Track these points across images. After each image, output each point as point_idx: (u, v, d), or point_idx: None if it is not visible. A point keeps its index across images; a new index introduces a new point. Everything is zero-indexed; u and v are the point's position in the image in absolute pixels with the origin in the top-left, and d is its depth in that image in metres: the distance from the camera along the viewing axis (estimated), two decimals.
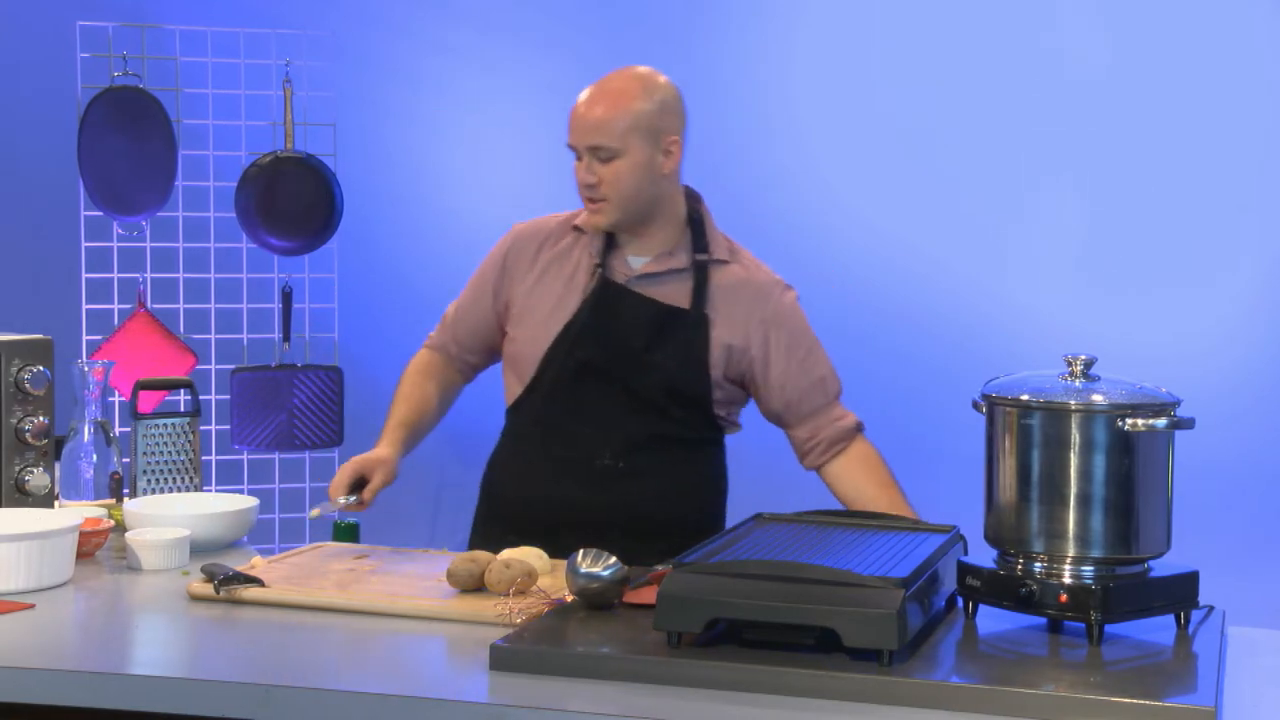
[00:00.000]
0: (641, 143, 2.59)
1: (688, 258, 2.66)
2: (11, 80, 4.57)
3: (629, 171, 2.59)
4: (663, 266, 2.66)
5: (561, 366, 2.65)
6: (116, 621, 2.20)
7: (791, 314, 2.70)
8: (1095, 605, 1.93)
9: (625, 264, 2.67)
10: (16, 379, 2.60)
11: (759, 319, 2.66)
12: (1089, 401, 1.97)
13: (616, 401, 2.63)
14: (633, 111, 2.58)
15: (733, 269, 2.68)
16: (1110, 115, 4.27)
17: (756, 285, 2.69)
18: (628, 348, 2.63)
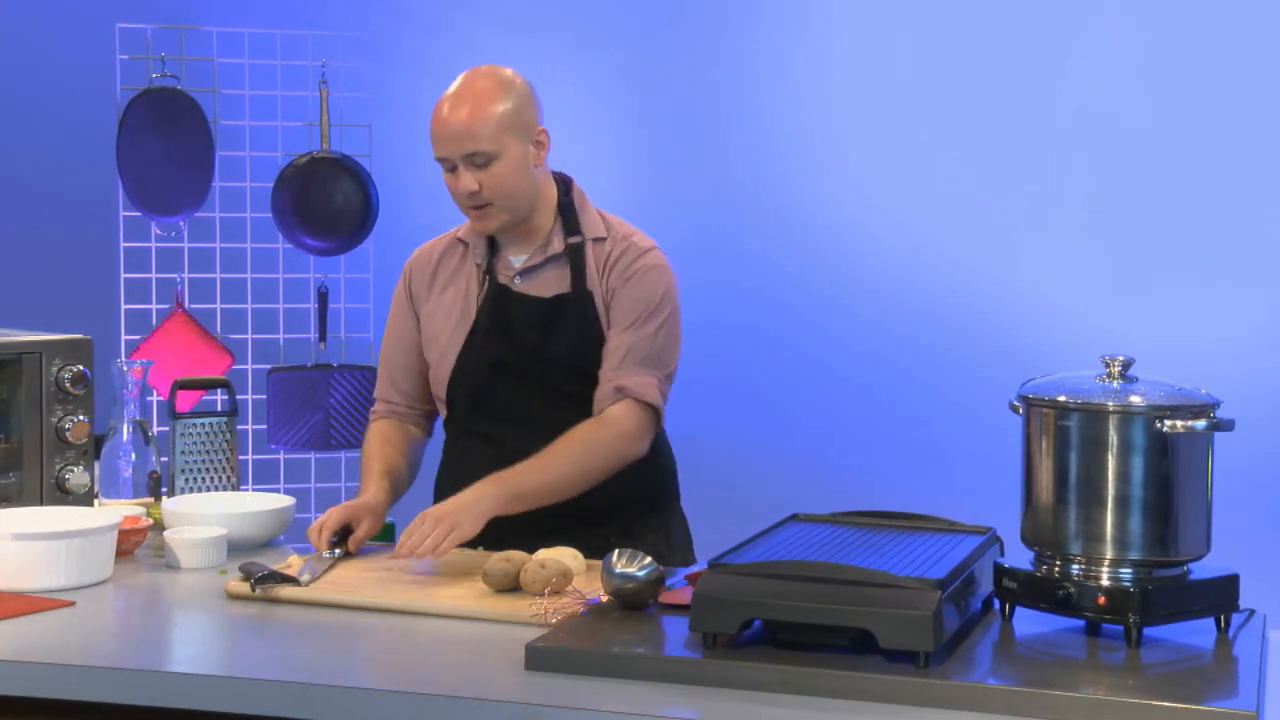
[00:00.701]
0: (514, 140, 2.57)
1: (562, 243, 2.67)
2: (52, 82, 4.61)
3: (509, 171, 2.58)
4: (540, 257, 2.67)
5: (474, 373, 2.66)
6: (155, 619, 2.22)
7: (641, 276, 2.65)
8: (1134, 608, 1.92)
9: (507, 264, 2.69)
10: (57, 378, 2.62)
11: (615, 280, 2.65)
12: (1127, 403, 1.96)
13: (532, 396, 2.65)
14: (499, 112, 2.56)
15: (605, 245, 2.68)
16: (1147, 113, 4.24)
17: (630, 252, 2.67)
18: (527, 346, 2.65)
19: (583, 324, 2.64)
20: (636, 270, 2.65)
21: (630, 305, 2.63)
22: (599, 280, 2.66)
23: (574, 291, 2.65)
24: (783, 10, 4.50)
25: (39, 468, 2.60)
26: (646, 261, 2.67)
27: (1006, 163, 4.33)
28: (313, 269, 4.29)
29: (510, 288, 2.67)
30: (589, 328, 2.64)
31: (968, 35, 4.36)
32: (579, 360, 2.64)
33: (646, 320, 2.64)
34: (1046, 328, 4.24)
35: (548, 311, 2.65)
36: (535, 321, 2.65)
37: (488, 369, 2.66)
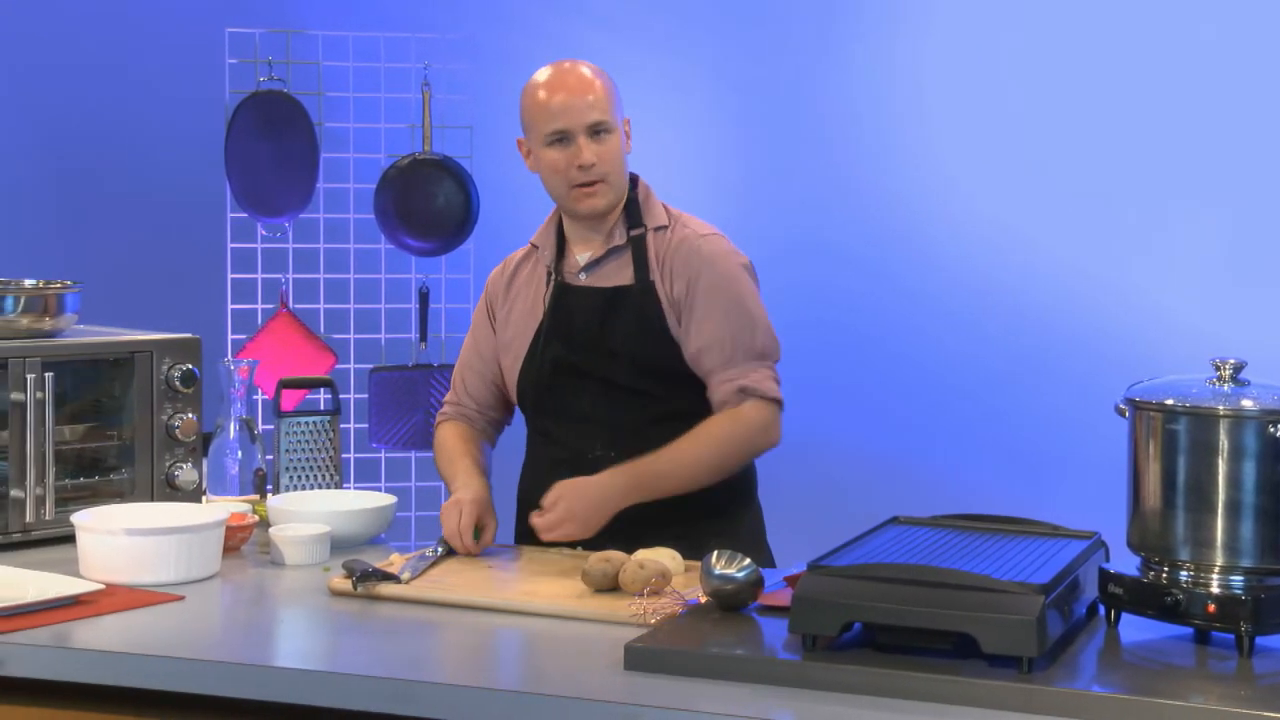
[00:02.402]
0: (617, 118, 2.63)
1: (624, 235, 2.67)
2: (163, 85, 4.71)
3: (618, 147, 2.63)
4: (602, 249, 2.67)
5: (539, 374, 2.68)
6: (260, 614, 2.26)
7: (712, 263, 2.64)
8: (1246, 616, 1.87)
9: (574, 262, 2.70)
10: (167, 377, 2.67)
11: (684, 267, 2.63)
12: (1238, 407, 1.92)
13: (596, 394, 2.64)
14: (610, 88, 2.63)
15: (667, 233, 2.67)
16: (1254, 112, 4.15)
17: (691, 239, 2.66)
18: (589, 340, 2.65)
19: (644, 316, 2.63)
20: (706, 259, 2.63)
21: (712, 296, 2.61)
22: (660, 270, 2.64)
23: (636, 283, 2.64)
24: (880, 9, 4.46)
25: (149, 464, 2.65)
26: (711, 247, 2.65)
27: (1113, 165, 4.26)
28: (414, 269, 4.33)
29: (572, 283, 2.68)
30: (651, 320, 2.63)
31: (1071, 31, 4.29)
32: (641, 353, 2.63)
33: (737, 311, 2.62)
34: (1153, 329, 4.16)
35: (607, 302, 2.64)
36: (595, 313, 2.65)
37: (550, 368, 2.67)
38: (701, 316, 2.61)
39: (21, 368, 2.53)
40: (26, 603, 2.10)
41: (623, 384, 2.64)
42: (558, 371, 2.67)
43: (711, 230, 2.71)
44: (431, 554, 2.43)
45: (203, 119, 4.46)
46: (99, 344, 2.68)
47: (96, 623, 2.08)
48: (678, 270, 2.63)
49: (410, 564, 2.34)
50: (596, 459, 2.62)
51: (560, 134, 2.60)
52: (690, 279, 2.62)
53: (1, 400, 2.54)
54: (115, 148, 4.73)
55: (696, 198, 4.52)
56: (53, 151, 4.72)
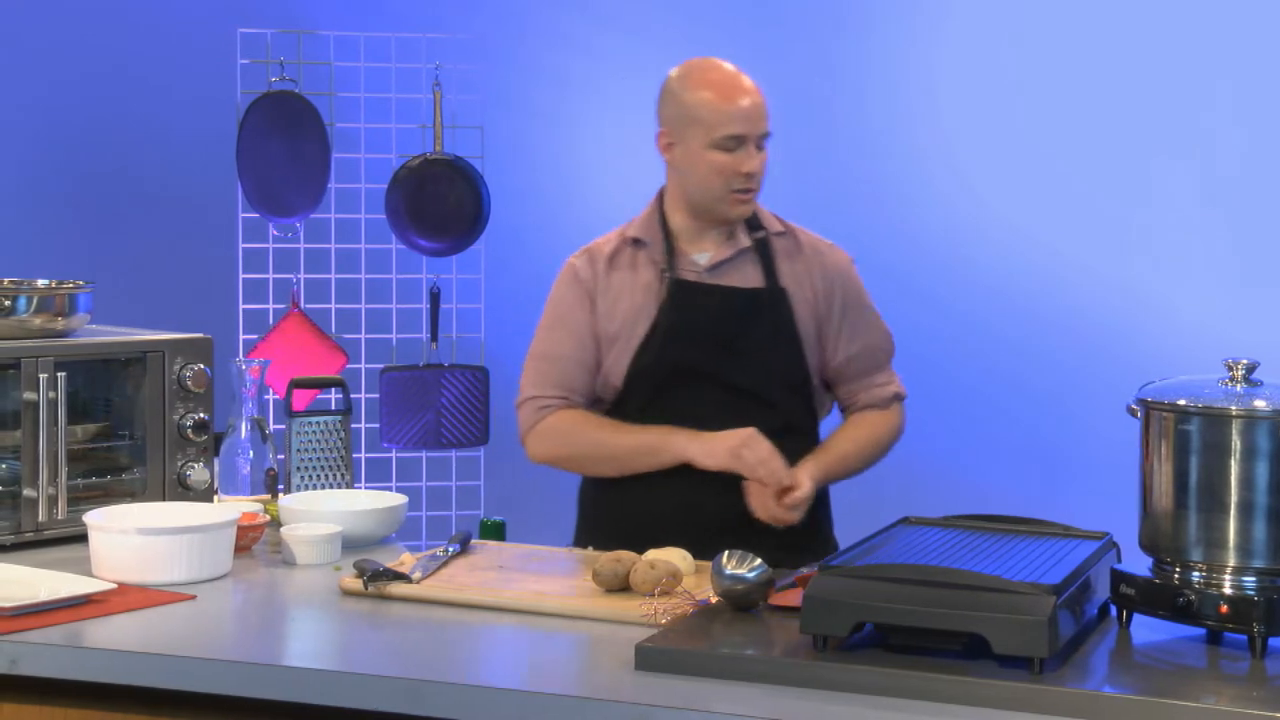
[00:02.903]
0: None
1: (748, 238, 2.67)
2: (175, 86, 4.72)
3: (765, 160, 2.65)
4: (730, 251, 2.66)
5: (651, 374, 2.62)
6: (272, 614, 2.26)
7: (846, 277, 2.71)
8: (1259, 617, 1.87)
9: (691, 263, 2.67)
10: (179, 377, 2.67)
11: (820, 279, 2.68)
12: (1251, 407, 1.92)
13: (712, 399, 2.61)
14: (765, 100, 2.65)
15: (787, 240, 2.70)
16: (1266, 113, 4.14)
17: (812, 249, 2.71)
18: (717, 341, 2.62)
19: (778, 320, 2.63)
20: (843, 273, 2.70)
21: (855, 307, 2.70)
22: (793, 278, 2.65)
23: (768, 285, 2.65)
24: (893, 9, 4.46)
25: (161, 464, 2.66)
26: (837, 258, 2.73)
27: (1123, 165, 4.25)
28: (425, 269, 4.34)
29: (700, 282, 2.65)
30: (784, 325, 2.63)
31: (1083, 32, 4.29)
32: (770, 357, 2.62)
33: (874, 319, 2.73)
34: (1166, 330, 4.15)
35: (745, 303, 2.63)
36: (730, 314, 2.62)
37: (669, 369, 2.62)
38: (851, 327, 2.69)
39: (34, 367, 2.54)
40: (39, 602, 2.11)
41: (746, 388, 2.62)
42: (677, 372, 2.62)
43: (822, 239, 2.75)
44: (443, 554, 2.43)
45: (214, 119, 4.47)
46: (111, 344, 2.68)
47: (108, 622, 2.09)
48: (817, 281, 2.67)
49: (421, 564, 2.35)
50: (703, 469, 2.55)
51: (737, 139, 2.59)
52: (830, 291, 2.68)
53: (14, 400, 2.55)
54: (127, 148, 4.74)
55: None
56: (64, 152, 4.74)
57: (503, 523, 3.06)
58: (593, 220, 4.64)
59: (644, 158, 4.68)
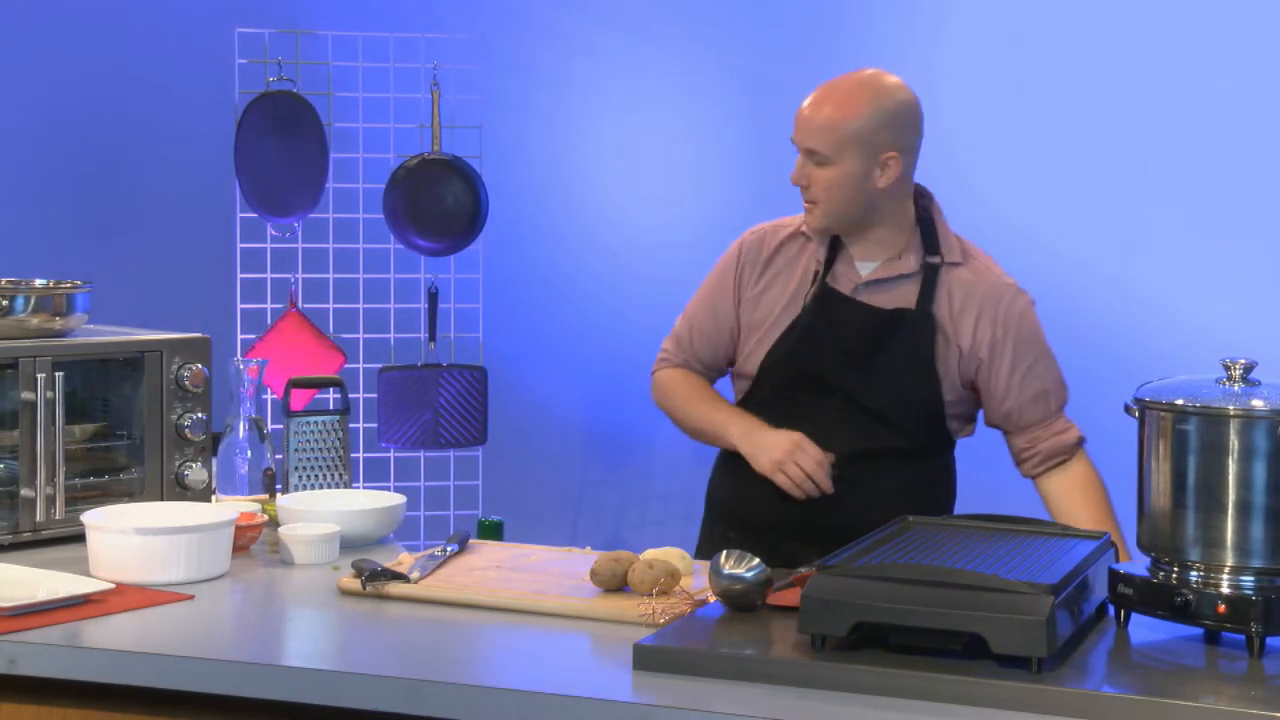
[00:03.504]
0: (855, 155, 2.54)
1: (917, 261, 2.61)
2: (173, 85, 4.72)
3: (838, 182, 2.55)
4: (891, 272, 2.60)
5: (780, 376, 2.62)
6: (270, 614, 2.26)
7: (1022, 320, 2.63)
8: (1256, 617, 1.87)
9: (853, 269, 2.62)
10: (177, 376, 2.67)
11: (989, 321, 2.60)
12: (1249, 407, 1.92)
13: (837, 410, 2.59)
14: (850, 124, 2.53)
15: (963, 271, 2.62)
16: (1266, 113, 4.14)
17: (989, 287, 2.62)
18: (850, 356, 2.58)
19: (917, 345, 2.57)
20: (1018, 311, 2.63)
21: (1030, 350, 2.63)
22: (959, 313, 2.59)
23: (917, 310, 2.58)
24: (895, 11, 4.46)
25: (159, 464, 2.66)
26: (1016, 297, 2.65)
27: (1123, 161, 4.25)
28: (423, 269, 4.34)
29: (848, 295, 2.61)
30: (922, 350, 2.57)
31: (1083, 35, 4.29)
32: (903, 380, 2.58)
33: (1049, 363, 2.67)
34: (1163, 330, 4.15)
35: (885, 324, 2.58)
36: (868, 334, 2.58)
37: (797, 373, 2.61)
38: (1025, 371, 2.62)
39: (32, 367, 2.54)
40: (37, 602, 2.11)
41: (871, 407, 2.59)
42: (804, 377, 2.60)
43: (1004, 279, 2.66)
44: (441, 553, 2.43)
45: (212, 119, 4.47)
46: (109, 344, 2.68)
47: (106, 622, 2.09)
48: (968, 319, 2.59)
49: (419, 563, 2.35)
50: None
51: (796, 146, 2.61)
52: (1003, 337, 2.60)
53: (12, 400, 2.55)
54: (125, 148, 4.74)
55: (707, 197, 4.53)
56: (62, 152, 4.73)
57: (501, 522, 3.06)
58: (591, 220, 4.68)
59: (643, 158, 4.71)
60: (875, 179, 2.56)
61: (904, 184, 2.61)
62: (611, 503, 4.66)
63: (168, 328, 2.76)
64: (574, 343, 4.64)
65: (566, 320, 4.61)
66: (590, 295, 4.60)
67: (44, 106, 4.71)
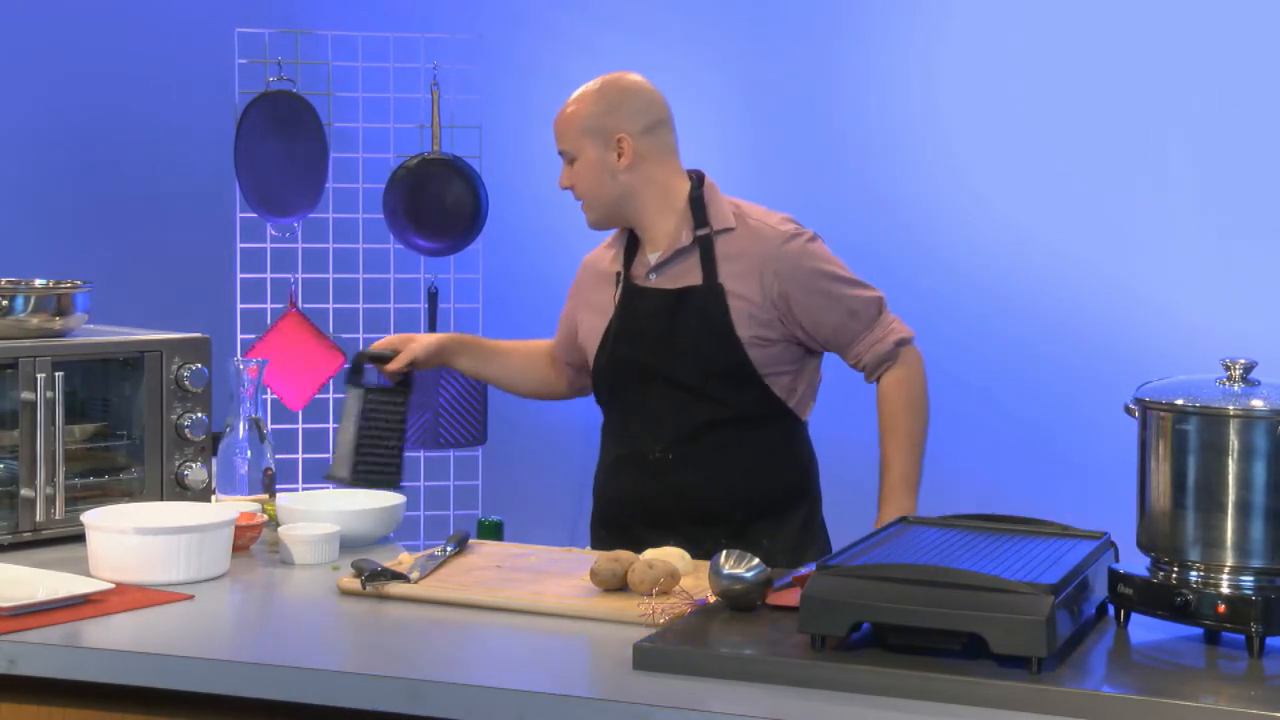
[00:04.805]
0: (590, 143, 2.71)
1: (690, 235, 2.71)
2: (173, 86, 4.72)
3: (584, 173, 2.72)
4: (669, 251, 2.72)
5: (610, 370, 2.77)
6: (270, 614, 2.26)
7: (799, 261, 2.69)
8: (1256, 617, 1.87)
9: (645, 262, 2.77)
10: (177, 376, 2.67)
11: (771, 275, 2.68)
12: (1248, 407, 1.91)
13: (660, 394, 2.71)
14: (580, 116, 2.72)
15: (736, 234, 2.71)
16: (1268, 113, 4.14)
17: (761, 241, 2.71)
18: (655, 338, 2.71)
19: (711, 316, 2.67)
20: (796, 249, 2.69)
21: (813, 286, 2.68)
22: (747, 276, 2.67)
23: (704, 284, 2.69)
24: (895, 11, 4.46)
25: (159, 464, 2.66)
26: (793, 235, 2.71)
27: (1122, 161, 4.25)
28: (423, 269, 4.34)
29: (640, 284, 2.75)
30: (718, 320, 2.67)
31: (1083, 34, 4.29)
32: (707, 352, 2.68)
33: (838, 288, 2.71)
34: (1164, 329, 4.15)
35: (674, 303, 2.70)
36: (662, 314, 2.70)
37: (620, 368, 2.75)
38: (816, 308, 2.69)
39: (32, 367, 2.54)
40: (37, 602, 2.11)
41: (687, 384, 2.69)
42: (628, 370, 2.74)
43: (777, 219, 2.74)
44: (440, 553, 2.43)
45: (212, 119, 4.47)
46: (109, 344, 2.68)
47: (106, 622, 2.09)
48: (749, 276, 2.67)
49: (419, 563, 2.35)
50: (656, 460, 2.71)
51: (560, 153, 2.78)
52: (783, 279, 2.67)
53: (12, 400, 2.55)
54: (125, 148, 4.74)
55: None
56: (62, 151, 4.74)
57: (500, 522, 3.06)
58: None
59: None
60: (615, 163, 2.70)
61: (654, 167, 2.73)
62: None
63: (168, 328, 2.76)
64: None
65: None
66: None
67: (44, 106, 4.71)
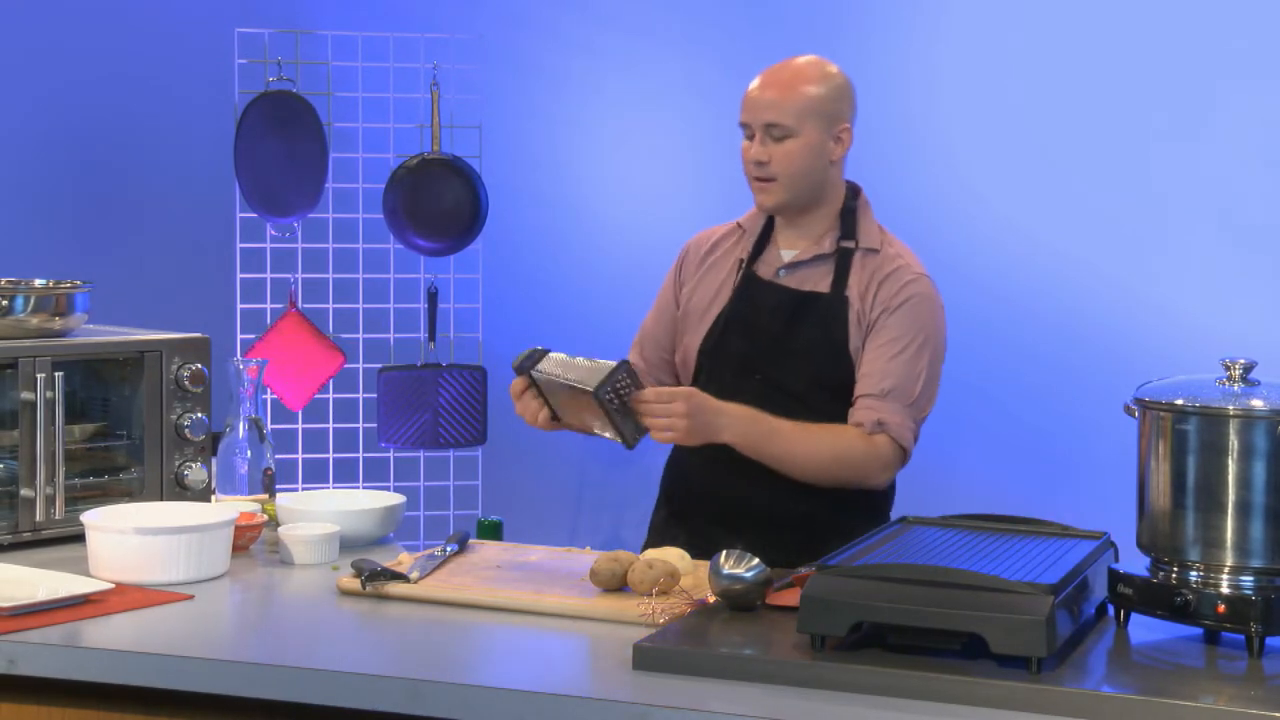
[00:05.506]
0: (815, 126, 2.60)
1: (833, 245, 2.66)
2: (173, 85, 4.71)
3: (800, 152, 2.60)
4: (809, 254, 2.67)
5: (712, 363, 2.69)
6: (269, 614, 2.26)
7: (910, 303, 2.62)
8: (1256, 617, 1.87)
9: (776, 257, 2.70)
10: (176, 376, 2.67)
11: (885, 296, 2.62)
12: (1248, 407, 1.92)
13: (757, 393, 2.61)
14: (809, 94, 2.60)
15: (876, 257, 2.66)
16: (1269, 113, 4.14)
17: (894, 267, 2.65)
18: (767, 337, 2.65)
19: (830, 326, 2.62)
20: (911, 297, 2.62)
21: (899, 333, 2.60)
22: (862, 293, 2.62)
23: (831, 292, 2.63)
24: (895, 11, 4.46)
25: (159, 464, 2.66)
26: (920, 290, 2.64)
27: (1122, 161, 4.25)
28: (423, 269, 4.34)
29: (766, 279, 2.68)
30: (836, 332, 2.62)
31: (1083, 34, 4.29)
32: (817, 361, 2.62)
33: (916, 355, 2.60)
34: (1164, 329, 4.15)
35: (798, 305, 2.64)
36: (781, 313, 2.64)
37: (723, 357, 2.67)
38: (883, 345, 2.59)
39: (31, 367, 2.54)
40: (37, 602, 2.11)
41: (790, 388, 2.62)
42: (728, 362, 2.67)
43: (922, 271, 2.67)
44: (440, 553, 2.43)
45: (212, 119, 4.46)
46: (108, 344, 2.68)
47: (106, 622, 2.09)
48: (880, 295, 2.62)
49: (419, 563, 2.35)
50: (738, 461, 2.56)
51: (744, 126, 2.64)
52: (889, 307, 2.61)
53: (11, 400, 2.55)
54: (125, 148, 4.74)
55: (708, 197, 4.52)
56: (62, 152, 4.73)
57: (500, 522, 3.06)
58: (590, 219, 4.67)
59: (641, 156, 4.71)
60: (831, 151, 2.64)
61: (842, 167, 2.70)
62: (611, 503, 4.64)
63: (168, 328, 2.76)
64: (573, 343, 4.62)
65: (566, 320, 4.61)
66: (590, 295, 4.60)
67: (44, 107, 4.71)
